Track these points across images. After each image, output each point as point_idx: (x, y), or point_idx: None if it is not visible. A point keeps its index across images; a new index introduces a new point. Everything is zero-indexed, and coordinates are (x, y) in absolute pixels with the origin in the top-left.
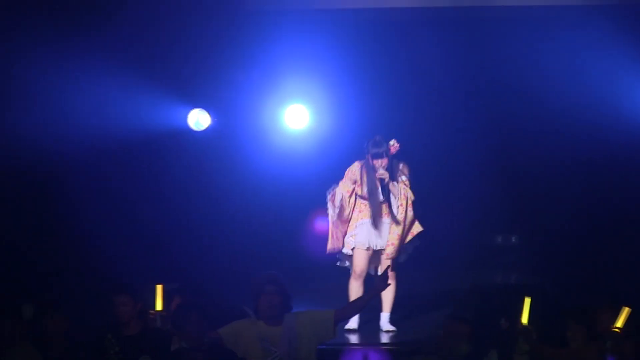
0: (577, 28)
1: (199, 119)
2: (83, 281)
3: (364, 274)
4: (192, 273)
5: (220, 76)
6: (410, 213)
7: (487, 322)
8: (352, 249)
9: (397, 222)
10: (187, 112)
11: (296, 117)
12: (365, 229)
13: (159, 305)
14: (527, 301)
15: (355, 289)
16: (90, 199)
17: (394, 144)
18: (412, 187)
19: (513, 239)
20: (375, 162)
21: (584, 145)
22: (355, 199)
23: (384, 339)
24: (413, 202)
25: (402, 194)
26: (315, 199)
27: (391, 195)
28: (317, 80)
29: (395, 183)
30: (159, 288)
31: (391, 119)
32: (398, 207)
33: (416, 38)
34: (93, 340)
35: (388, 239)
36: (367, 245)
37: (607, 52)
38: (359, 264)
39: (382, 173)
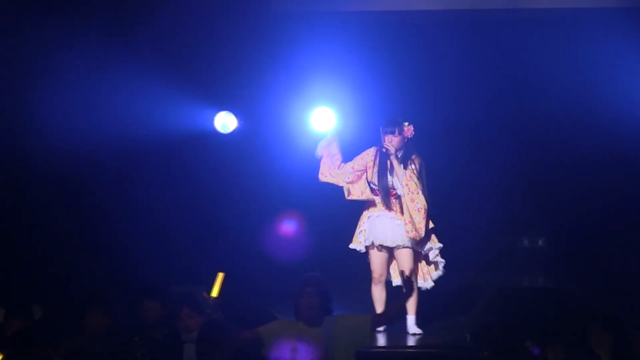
0: (601, 31)
1: (225, 122)
2: (110, 284)
3: (383, 278)
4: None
5: (247, 79)
6: (421, 197)
7: (513, 326)
8: (366, 247)
9: (402, 195)
10: (214, 115)
11: (323, 119)
12: (371, 222)
13: (215, 292)
14: None
15: (377, 294)
16: (115, 200)
17: (408, 126)
18: (434, 188)
19: (540, 242)
20: (386, 137)
21: (612, 147)
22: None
23: (411, 341)
24: (422, 191)
25: (407, 176)
26: (342, 201)
27: (395, 174)
28: (344, 82)
29: (401, 165)
30: (221, 275)
31: (417, 121)
32: (403, 186)
33: (441, 40)
34: (120, 342)
35: (403, 218)
36: (371, 240)
37: (632, 54)
38: (376, 268)
39: (386, 145)
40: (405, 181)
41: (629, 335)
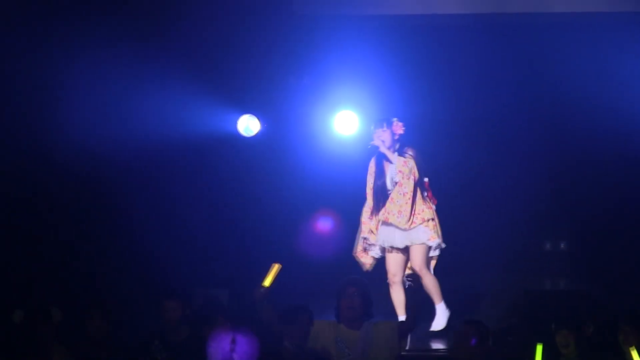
0: (619, 34)
1: (248, 125)
2: (132, 285)
3: (397, 279)
4: (241, 278)
5: (270, 82)
6: (410, 182)
7: (537, 326)
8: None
9: (393, 186)
10: (237, 118)
11: (346, 123)
12: (383, 227)
13: (267, 282)
14: (539, 348)
15: (394, 296)
16: (139, 202)
17: (396, 122)
18: (452, 189)
19: (560, 244)
20: (374, 134)
21: (631, 147)
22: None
23: (435, 343)
24: (417, 181)
25: (401, 162)
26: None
27: (390, 165)
28: (367, 86)
29: (395, 153)
30: (276, 267)
31: (439, 124)
32: (397, 173)
33: (465, 44)
34: (139, 346)
35: (393, 209)
36: (383, 245)
37: None
38: (390, 268)
39: (374, 142)
40: (399, 167)
41: None
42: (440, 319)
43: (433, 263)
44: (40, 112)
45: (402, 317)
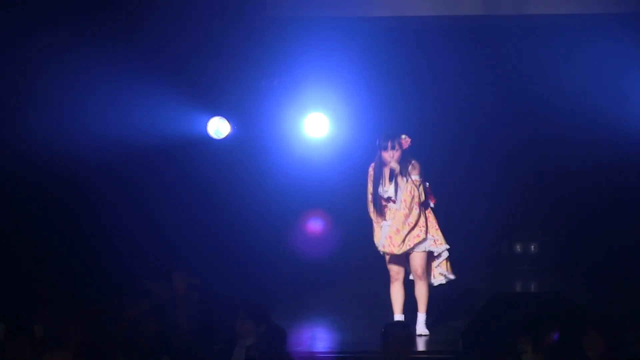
0: (604, 36)
1: (219, 127)
2: (101, 288)
3: (400, 276)
4: (212, 280)
5: (241, 84)
6: (415, 211)
7: (507, 329)
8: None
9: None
10: (207, 120)
11: (316, 125)
12: (381, 230)
13: None
14: None
15: (393, 292)
16: (109, 206)
17: (405, 138)
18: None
19: (532, 247)
20: (384, 154)
21: (607, 153)
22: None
23: (420, 346)
24: (422, 204)
25: (407, 191)
26: (335, 207)
27: (398, 189)
28: (337, 88)
29: (404, 178)
30: None
31: (409, 128)
32: (401, 202)
33: (435, 47)
34: (109, 350)
35: (388, 232)
36: (378, 247)
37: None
38: (391, 267)
39: (393, 165)
40: (404, 197)
41: (622, 339)
42: (422, 328)
43: (445, 265)
44: (7, 113)
45: (398, 315)
